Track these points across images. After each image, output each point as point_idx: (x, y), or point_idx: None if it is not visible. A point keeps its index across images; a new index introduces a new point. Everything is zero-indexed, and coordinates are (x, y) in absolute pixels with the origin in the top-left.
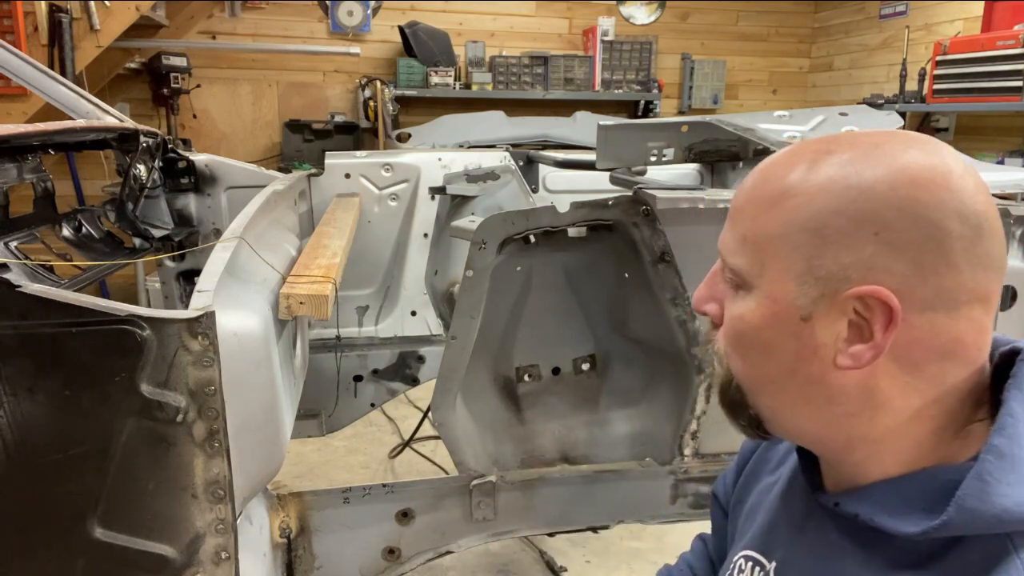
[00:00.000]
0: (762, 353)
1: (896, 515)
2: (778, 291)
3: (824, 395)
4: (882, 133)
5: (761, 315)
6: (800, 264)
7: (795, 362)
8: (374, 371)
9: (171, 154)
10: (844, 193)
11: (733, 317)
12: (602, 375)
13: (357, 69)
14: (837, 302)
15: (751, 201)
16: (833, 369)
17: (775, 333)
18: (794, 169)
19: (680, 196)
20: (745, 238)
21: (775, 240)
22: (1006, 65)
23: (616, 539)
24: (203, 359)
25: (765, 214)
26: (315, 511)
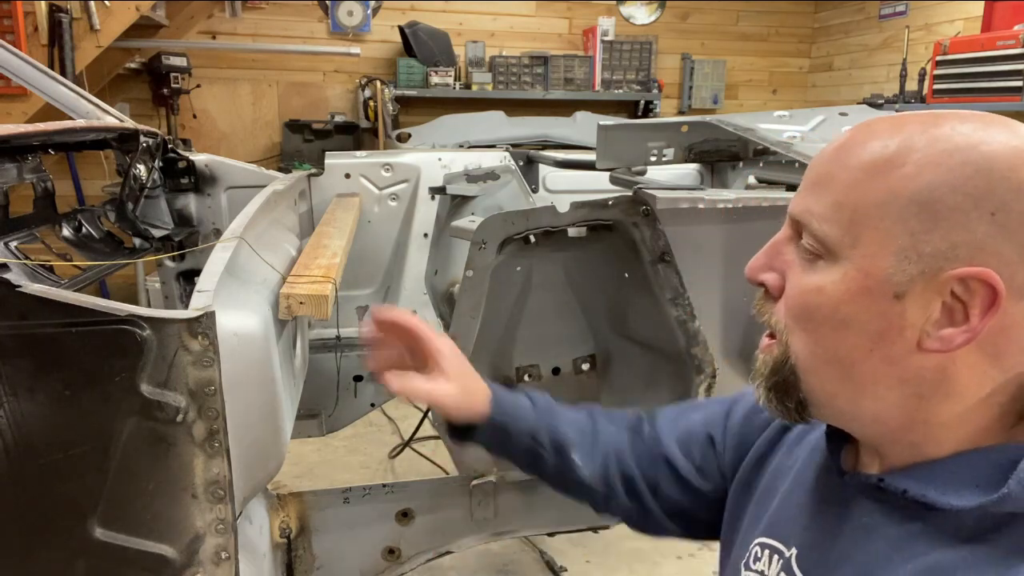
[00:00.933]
0: (838, 329)
1: (949, 490)
2: (872, 265)
3: (897, 376)
4: (982, 113)
5: (847, 289)
6: (904, 238)
7: (875, 341)
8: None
9: (171, 154)
10: (961, 169)
11: (808, 289)
12: (602, 375)
13: (357, 69)
14: (937, 282)
15: (847, 167)
16: (915, 351)
17: (860, 309)
18: (901, 136)
19: (680, 196)
20: (840, 205)
21: (877, 210)
22: (1006, 65)
23: (616, 539)
24: (203, 359)
25: (868, 181)
26: (315, 511)
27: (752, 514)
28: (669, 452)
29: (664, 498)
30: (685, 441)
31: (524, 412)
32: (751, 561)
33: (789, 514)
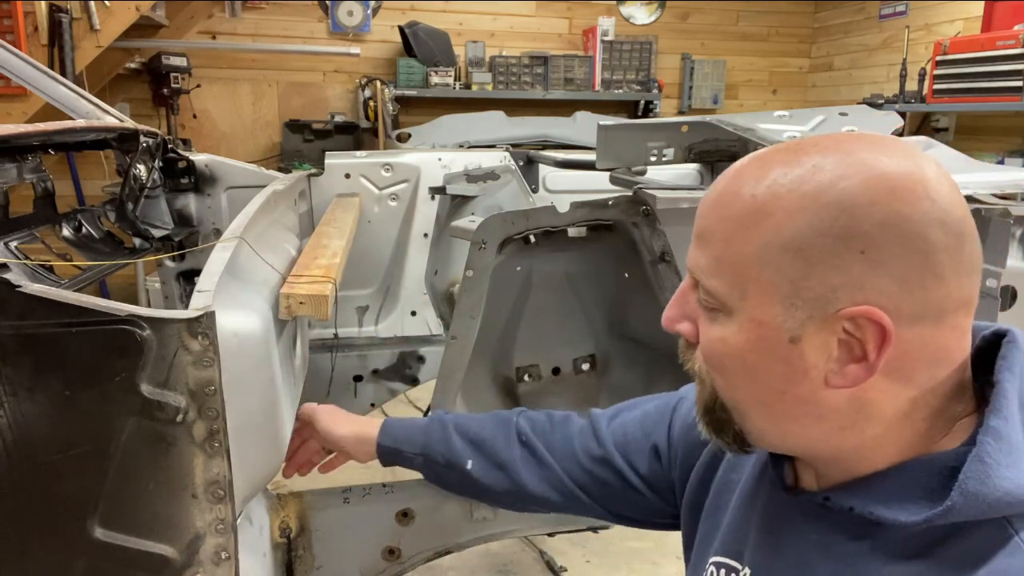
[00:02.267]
0: (747, 375)
1: (894, 504)
2: (763, 314)
3: (814, 413)
4: (848, 137)
5: (746, 339)
6: (785, 287)
7: (784, 384)
8: (374, 371)
9: (171, 154)
10: (825, 211)
11: (713, 340)
12: (602, 375)
13: (357, 69)
14: (827, 322)
15: (723, 220)
16: (823, 388)
17: (761, 356)
18: (767, 181)
19: (680, 196)
20: (720, 260)
21: (755, 263)
22: (1006, 65)
23: (616, 539)
24: (203, 359)
25: (741, 235)
26: (315, 511)
27: (703, 532)
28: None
29: (602, 495)
30: (623, 444)
31: (414, 435)
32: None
33: (739, 530)
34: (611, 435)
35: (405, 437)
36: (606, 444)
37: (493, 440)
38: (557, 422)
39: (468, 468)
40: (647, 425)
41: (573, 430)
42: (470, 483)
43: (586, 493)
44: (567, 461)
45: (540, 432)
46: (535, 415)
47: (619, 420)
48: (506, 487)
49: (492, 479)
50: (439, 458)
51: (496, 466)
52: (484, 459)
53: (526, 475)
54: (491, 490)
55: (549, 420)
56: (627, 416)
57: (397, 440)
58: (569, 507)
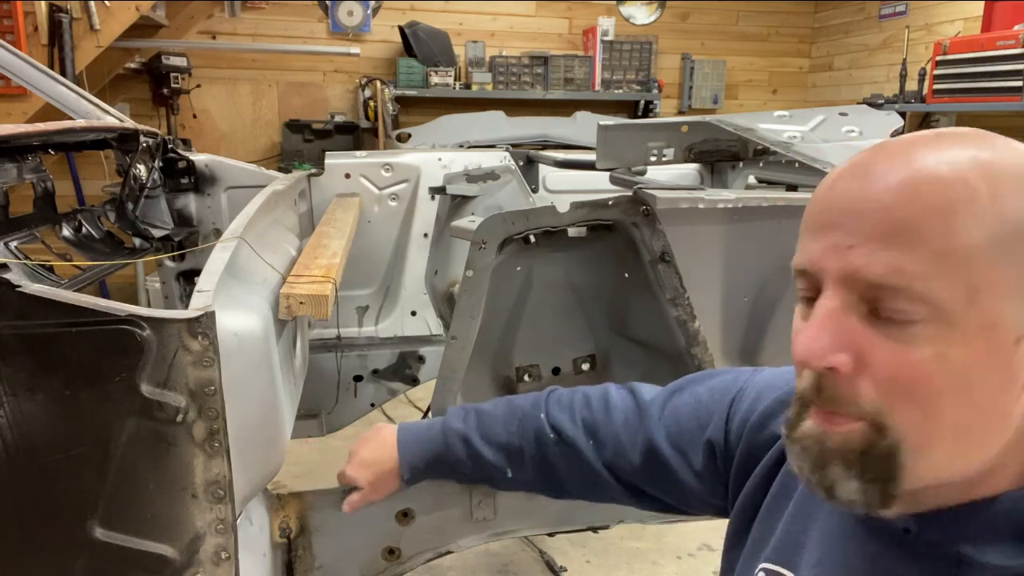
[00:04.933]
0: (960, 395)
1: (986, 543)
2: (997, 315)
3: (1003, 427)
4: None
5: (975, 351)
6: (1016, 273)
7: (996, 395)
8: (374, 371)
9: (171, 154)
10: None
11: (920, 361)
12: (602, 375)
13: (357, 69)
14: None
15: (929, 210)
16: (1022, 390)
17: (986, 366)
18: (966, 163)
19: (680, 196)
20: (943, 257)
21: (986, 256)
22: (1006, 65)
23: (616, 539)
24: (203, 359)
25: (963, 224)
26: (315, 511)
27: (756, 535)
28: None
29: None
30: (675, 436)
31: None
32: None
33: (796, 541)
34: (663, 428)
35: (430, 468)
36: (656, 438)
37: (527, 445)
38: (597, 412)
39: (508, 477)
40: (701, 416)
41: (617, 422)
42: (509, 486)
43: (632, 487)
44: (613, 457)
45: (581, 427)
46: (569, 403)
47: (670, 409)
48: (547, 486)
49: (533, 483)
50: (474, 476)
51: (536, 469)
52: (521, 467)
53: (569, 476)
54: (533, 489)
55: (588, 408)
56: (679, 403)
57: (423, 473)
58: (612, 500)
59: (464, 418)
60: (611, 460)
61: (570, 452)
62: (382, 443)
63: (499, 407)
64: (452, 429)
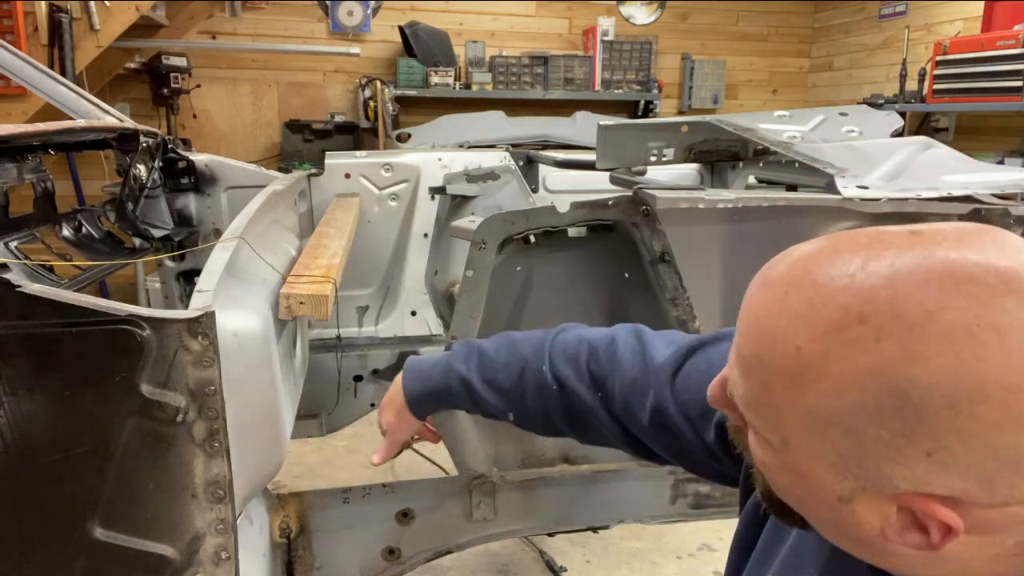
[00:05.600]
0: (798, 504)
1: None
2: (808, 470)
3: (880, 552)
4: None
5: (790, 481)
6: (832, 456)
7: (837, 528)
8: (374, 371)
9: (171, 154)
10: (886, 400)
11: (758, 459)
12: None
13: (357, 69)
14: (883, 497)
15: (761, 362)
16: (883, 539)
17: (808, 498)
18: (816, 329)
19: (680, 196)
20: (758, 405)
21: (800, 425)
22: (1006, 65)
23: (616, 539)
24: (203, 359)
25: (781, 389)
26: (315, 511)
27: (766, 542)
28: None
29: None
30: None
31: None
32: None
33: (805, 561)
34: (673, 396)
35: (435, 404)
36: (665, 404)
37: (529, 394)
38: (605, 364)
39: (511, 419)
40: None
41: (626, 378)
42: (515, 424)
43: (639, 444)
44: (621, 413)
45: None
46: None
47: (683, 377)
48: (549, 430)
49: (536, 427)
50: (477, 413)
51: (538, 415)
52: (524, 412)
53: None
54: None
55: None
56: (692, 372)
57: (431, 408)
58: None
59: (467, 359)
60: (619, 414)
61: (574, 403)
62: (396, 383)
63: (501, 351)
64: (454, 371)
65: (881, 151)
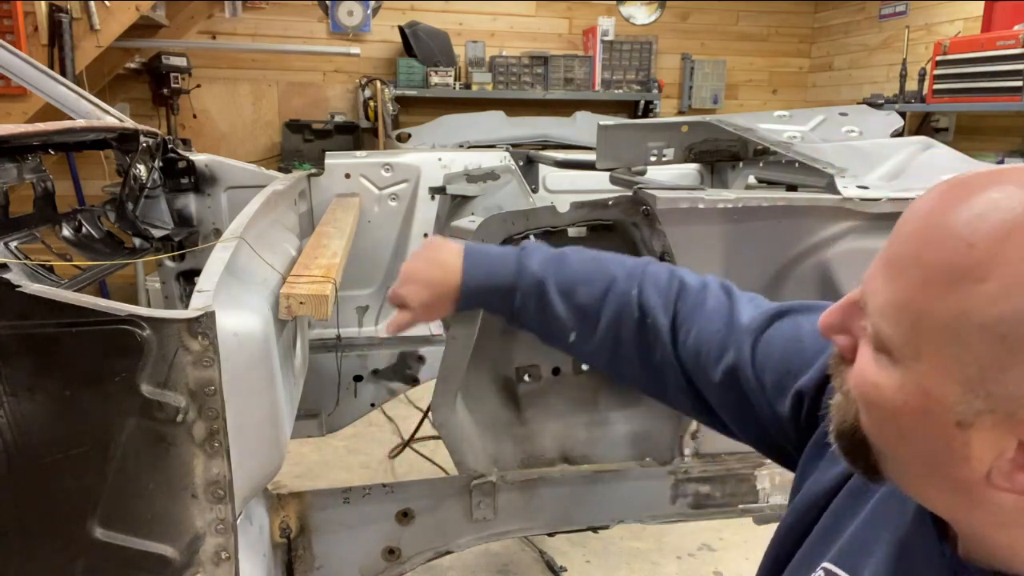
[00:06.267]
0: (895, 435)
1: None
2: (934, 387)
3: (967, 500)
4: None
5: (904, 401)
6: (971, 370)
7: (937, 461)
8: (374, 371)
9: (171, 154)
10: None
11: (867, 381)
12: (602, 375)
13: (357, 69)
14: (1010, 424)
15: (921, 261)
16: (984, 482)
17: (918, 426)
18: (991, 229)
19: (680, 196)
20: (902, 308)
21: (943, 331)
22: (1006, 65)
23: (616, 539)
24: (203, 359)
25: (938, 290)
26: (315, 511)
27: (821, 531)
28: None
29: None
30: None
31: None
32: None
33: (865, 548)
34: (752, 357)
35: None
36: (742, 364)
37: (606, 315)
38: (692, 307)
39: (570, 340)
40: (798, 359)
41: (708, 328)
42: (564, 348)
43: (699, 399)
44: (692, 363)
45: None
46: (667, 287)
47: (766, 340)
48: (609, 363)
49: (594, 355)
50: (531, 324)
51: (605, 343)
52: (590, 335)
53: (638, 363)
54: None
55: (683, 300)
56: (776, 336)
57: (481, 303)
58: (668, 400)
59: (544, 262)
60: (689, 364)
61: (649, 339)
62: (443, 263)
63: (585, 262)
64: (528, 270)
65: (881, 151)
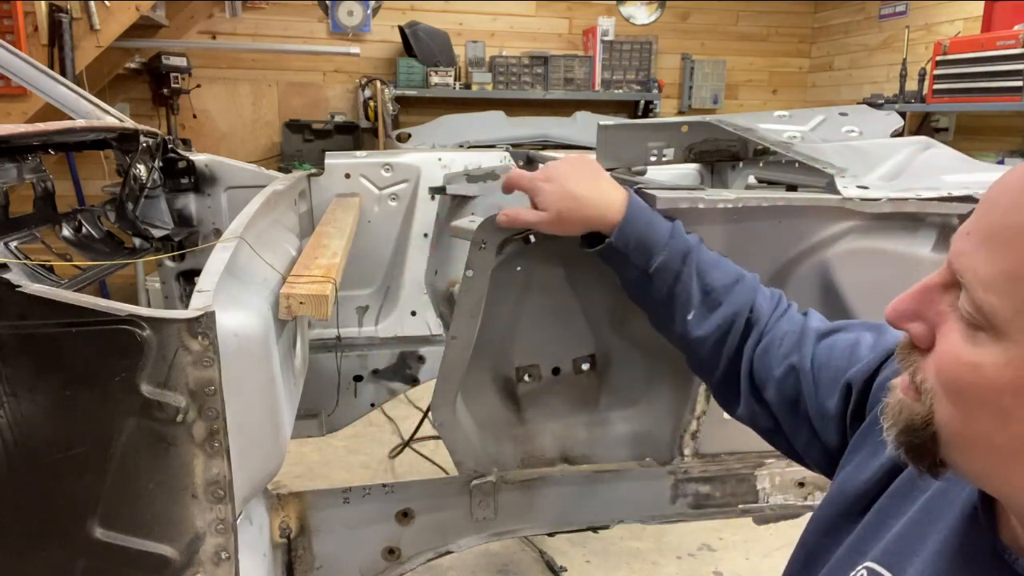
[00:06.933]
0: (994, 417)
1: None
2: None
3: None
4: None
5: (1012, 378)
6: None
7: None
8: (374, 371)
9: (171, 154)
10: None
11: (963, 362)
12: (602, 375)
13: (357, 69)
14: None
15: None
16: None
17: (1019, 404)
18: None
19: (680, 196)
20: (1013, 276)
21: None
22: (1006, 65)
23: (616, 539)
24: (203, 359)
25: None
26: (315, 511)
27: (864, 530)
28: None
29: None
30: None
31: (654, 248)
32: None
33: (910, 547)
34: (814, 353)
35: (634, 251)
36: (803, 360)
37: (728, 304)
38: (778, 309)
39: (687, 319)
40: (853, 356)
41: (783, 327)
42: (668, 328)
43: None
44: (761, 355)
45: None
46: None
47: (829, 341)
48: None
49: (699, 344)
50: (656, 293)
51: (716, 331)
52: (705, 319)
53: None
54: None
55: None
56: (839, 339)
57: (624, 250)
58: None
59: (696, 237)
60: (758, 361)
61: (744, 336)
62: (603, 191)
63: (719, 257)
64: (682, 237)
65: (881, 151)
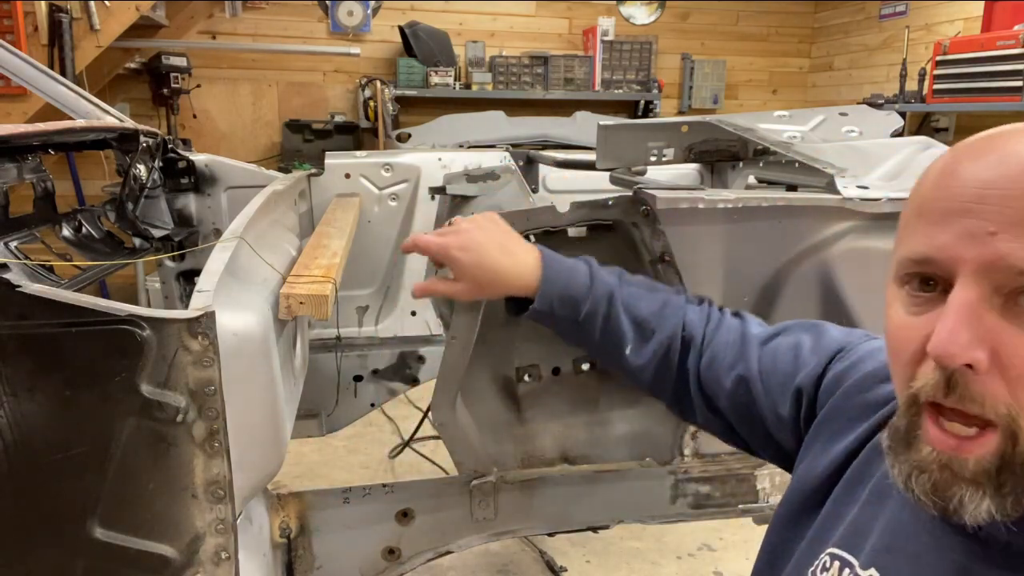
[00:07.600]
0: None
1: None
2: None
3: None
4: None
5: None
6: None
7: None
8: (374, 371)
9: (171, 154)
10: None
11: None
12: (602, 375)
13: (357, 69)
14: None
15: None
16: None
17: None
18: None
19: (680, 196)
20: None
21: None
22: (1006, 65)
23: (616, 539)
24: (203, 359)
25: None
26: (315, 511)
27: (824, 519)
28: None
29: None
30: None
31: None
32: (819, 570)
33: (866, 527)
34: (759, 362)
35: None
36: (750, 369)
37: (660, 330)
38: (712, 323)
39: (625, 354)
40: (799, 361)
41: (724, 340)
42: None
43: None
44: (707, 372)
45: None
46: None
47: (771, 347)
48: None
49: (641, 371)
50: (591, 338)
51: (655, 358)
52: (642, 349)
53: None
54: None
55: (708, 318)
56: (781, 344)
57: (550, 312)
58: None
59: (609, 274)
60: (705, 374)
61: (683, 354)
62: (515, 256)
63: (640, 281)
64: (602, 281)
65: (881, 151)
